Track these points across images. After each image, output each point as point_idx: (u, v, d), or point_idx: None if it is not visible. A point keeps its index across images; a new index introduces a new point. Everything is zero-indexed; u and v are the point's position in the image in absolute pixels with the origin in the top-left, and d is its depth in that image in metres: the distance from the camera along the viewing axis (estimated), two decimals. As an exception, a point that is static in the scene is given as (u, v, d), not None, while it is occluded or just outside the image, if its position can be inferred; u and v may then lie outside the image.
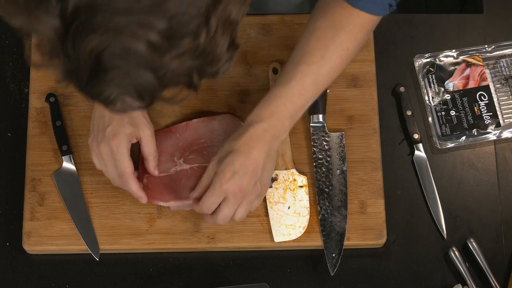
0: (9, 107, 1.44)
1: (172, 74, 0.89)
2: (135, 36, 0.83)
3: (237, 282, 1.36)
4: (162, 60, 0.86)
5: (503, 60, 1.46)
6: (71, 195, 1.37)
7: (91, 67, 0.86)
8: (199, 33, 0.87)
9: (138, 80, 0.87)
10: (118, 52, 0.84)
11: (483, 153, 1.43)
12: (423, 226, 1.40)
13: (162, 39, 0.84)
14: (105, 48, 0.84)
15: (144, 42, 0.84)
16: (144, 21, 0.83)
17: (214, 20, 0.87)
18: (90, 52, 0.84)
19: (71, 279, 1.36)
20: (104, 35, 0.83)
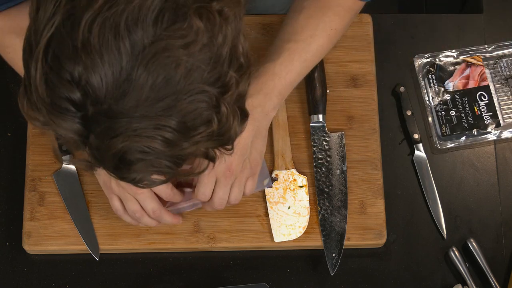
0: (9, 107, 1.44)
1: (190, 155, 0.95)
2: (152, 137, 0.89)
3: (237, 282, 1.36)
4: (180, 149, 0.92)
5: (503, 60, 1.46)
6: (71, 195, 1.37)
7: (115, 163, 0.92)
8: (212, 121, 0.92)
9: (159, 167, 0.93)
10: (139, 150, 0.90)
11: (483, 153, 1.43)
12: (423, 226, 1.40)
13: (177, 135, 0.90)
14: (127, 149, 0.90)
15: (161, 141, 0.90)
16: (158, 123, 0.89)
17: (224, 106, 0.92)
18: (114, 153, 0.91)
19: (71, 279, 1.36)
20: (125, 140, 0.89)
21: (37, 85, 0.89)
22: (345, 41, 1.45)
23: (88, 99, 0.87)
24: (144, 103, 0.88)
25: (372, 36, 1.46)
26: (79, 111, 0.89)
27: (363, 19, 1.46)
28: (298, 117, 1.42)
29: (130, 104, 0.88)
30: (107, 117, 0.88)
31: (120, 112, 0.88)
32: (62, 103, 0.88)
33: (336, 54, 1.44)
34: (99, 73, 0.86)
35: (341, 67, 1.44)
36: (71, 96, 0.87)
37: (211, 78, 0.90)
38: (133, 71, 0.86)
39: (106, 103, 0.87)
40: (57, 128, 0.91)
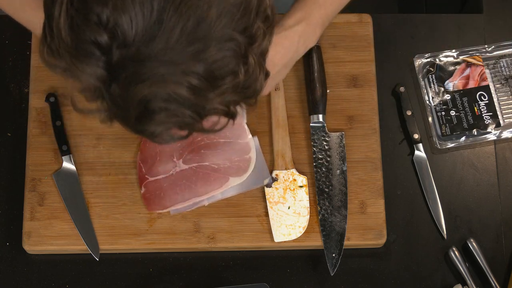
0: (9, 107, 1.44)
1: (213, 109, 0.93)
2: (179, 83, 0.87)
3: (237, 282, 1.36)
4: (205, 99, 0.90)
5: (503, 60, 1.46)
6: (71, 195, 1.37)
7: (139, 112, 0.90)
8: (239, 71, 0.90)
9: (182, 117, 0.91)
10: (164, 97, 0.88)
11: (483, 153, 1.43)
12: (423, 226, 1.40)
13: (203, 82, 0.88)
14: (153, 96, 0.88)
15: (187, 87, 0.88)
16: (186, 69, 0.87)
17: (252, 57, 0.91)
18: (140, 100, 0.88)
19: (71, 279, 1.36)
20: (152, 85, 0.87)
21: (61, 29, 0.86)
22: (345, 41, 1.45)
23: (115, 42, 0.85)
24: (174, 47, 0.86)
25: (372, 36, 1.46)
26: (104, 55, 0.86)
27: (363, 19, 1.46)
28: (298, 117, 1.42)
29: (159, 47, 0.85)
30: (134, 61, 0.86)
31: (149, 55, 0.86)
32: (87, 47, 0.86)
33: (336, 54, 1.44)
34: (129, 14, 0.84)
35: (341, 67, 1.44)
36: (97, 39, 0.85)
37: (240, 26, 0.88)
38: (164, 13, 0.84)
39: (134, 46, 0.85)
40: (80, 74, 0.88)
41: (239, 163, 1.37)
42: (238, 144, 1.38)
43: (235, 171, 1.37)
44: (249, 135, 1.39)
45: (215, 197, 1.37)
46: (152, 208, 1.36)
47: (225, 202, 1.38)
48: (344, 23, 1.46)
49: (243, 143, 1.38)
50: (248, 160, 1.38)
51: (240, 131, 1.39)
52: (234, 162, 1.37)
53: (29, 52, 1.44)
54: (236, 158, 1.37)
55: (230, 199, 1.37)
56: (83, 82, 0.89)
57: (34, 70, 1.43)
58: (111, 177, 1.39)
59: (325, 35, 1.44)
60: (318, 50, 1.42)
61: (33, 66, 1.43)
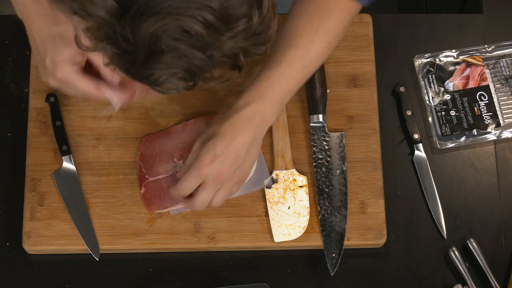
0: (9, 107, 1.44)
1: (222, 54, 0.90)
2: (193, 17, 0.85)
3: (237, 282, 1.36)
4: (218, 40, 0.88)
5: (503, 60, 1.46)
6: (71, 195, 1.37)
7: (149, 49, 0.87)
8: (253, 14, 0.89)
9: (190, 61, 0.88)
10: (176, 33, 0.85)
11: (483, 153, 1.44)
12: (423, 226, 1.40)
13: (218, 20, 0.86)
14: (165, 30, 0.85)
15: (202, 23, 0.85)
16: (201, 2, 0.84)
17: (266, 1, 0.90)
18: (151, 35, 0.85)
19: (71, 279, 1.36)
20: (164, 19, 0.84)
21: None
22: (345, 41, 1.45)
23: None
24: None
25: (372, 36, 1.46)
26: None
27: (363, 19, 1.46)
28: (298, 117, 1.42)
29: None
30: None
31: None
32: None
33: (336, 54, 1.44)
34: None
35: (341, 67, 1.44)
36: None
37: None
38: None
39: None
40: (89, 6, 0.85)
41: (239, 165, 1.37)
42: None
43: (236, 172, 1.37)
44: None
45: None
46: (152, 208, 1.36)
47: (225, 202, 1.37)
48: (344, 23, 1.46)
49: None
50: (248, 162, 1.38)
51: None
52: None
53: (29, 52, 1.44)
54: None
55: (230, 199, 1.37)
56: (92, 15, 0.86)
57: (34, 70, 1.43)
58: (111, 177, 1.39)
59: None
60: (318, 50, 1.42)
61: (33, 66, 1.43)
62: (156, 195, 1.36)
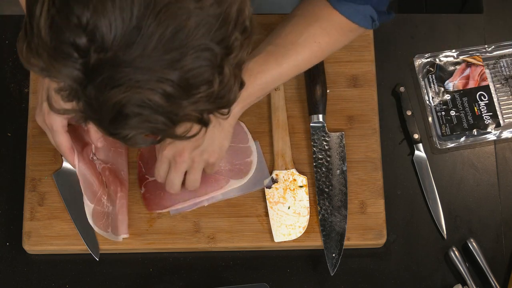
0: (9, 107, 1.44)
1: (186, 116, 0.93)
2: (154, 90, 0.88)
3: (237, 282, 1.36)
4: (179, 107, 0.91)
5: (503, 60, 1.46)
6: (71, 195, 1.37)
7: (113, 115, 0.90)
8: (214, 81, 0.91)
9: (155, 123, 0.92)
10: (138, 103, 0.89)
11: (483, 153, 1.43)
12: (423, 226, 1.40)
13: (178, 91, 0.89)
14: (127, 101, 0.89)
15: (161, 94, 0.88)
16: (162, 76, 0.88)
17: (227, 68, 0.92)
18: (114, 104, 0.89)
19: (71, 279, 1.36)
20: (127, 90, 0.88)
21: (41, 28, 0.87)
22: (345, 41, 1.45)
23: (93, 45, 0.86)
24: (151, 54, 0.86)
25: (372, 36, 1.46)
26: (81, 57, 0.87)
27: (363, 19, 1.46)
28: (298, 117, 1.42)
29: (136, 54, 0.86)
30: (111, 66, 0.87)
31: (125, 61, 0.86)
32: (66, 48, 0.86)
33: (336, 54, 1.44)
34: (108, 19, 0.85)
35: (341, 67, 1.44)
36: (76, 40, 0.86)
37: (218, 37, 0.89)
38: (144, 20, 0.85)
39: (112, 50, 0.86)
40: (57, 74, 0.89)
41: (240, 166, 1.37)
42: (239, 148, 1.38)
43: (236, 173, 1.37)
44: (250, 139, 1.39)
45: (215, 197, 1.37)
46: (152, 208, 1.36)
47: (225, 202, 1.38)
48: (344, 23, 1.46)
49: (245, 147, 1.39)
50: (249, 163, 1.38)
51: (242, 135, 1.39)
52: (235, 165, 1.37)
53: (29, 52, 1.44)
54: (237, 161, 1.38)
55: (230, 199, 1.37)
56: (59, 82, 0.90)
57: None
58: (111, 177, 1.39)
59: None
60: (318, 50, 1.42)
61: (33, 66, 1.43)
62: (156, 195, 1.36)
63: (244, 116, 1.40)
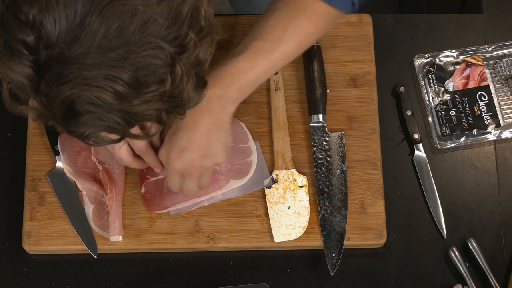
0: (9, 107, 1.44)
1: (141, 115, 0.93)
2: (102, 88, 0.88)
3: (237, 282, 1.36)
4: (130, 105, 0.91)
5: (503, 60, 1.46)
6: (66, 194, 1.37)
7: (63, 112, 0.91)
8: (165, 80, 0.91)
9: (108, 122, 0.92)
10: (88, 100, 0.89)
11: (483, 153, 1.43)
12: (423, 226, 1.40)
13: (128, 89, 0.89)
14: (76, 97, 0.89)
15: (111, 93, 0.89)
16: (110, 74, 0.88)
17: (179, 67, 0.91)
18: (62, 100, 0.90)
19: (71, 279, 1.36)
20: (74, 87, 0.88)
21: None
22: (345, 41, 1.45)
23: (41, 42, 0.87)
24: (96, 51, 0.87)
25: (372, 36, 1.46)
26: (31, 54, 0.88)
27: (363, 19, 1.46)
28: (298, 117, 1.42)
29: (81, 50, 0.87)
30: (58, 62, 0.87)
31: (71, 57, 0.87)
32: (16, 45, 0.87)
33: (336, 54, 1.44)
34: (53, 15, 0.85)
35: (341, 67, 1.44)
36: (25, 38, 0.87)
37: (169, 36, 0.89)
38: (87, 16, 0.86)
39: (58, 47, 0.86)
40: (9, 72, 0.89)
41: (240, 166, 1.37)
42: (239, 148, 1.38)
43: (236, 173, 1.37)
44: (250, 139, 1.39)
45: (215, 197, 1.37)
46: (152, 208, 1.36)
47: (225, 202, 1.38)
48: (344, 23, 1.46)
49: (245, 147, 1.39)
50: (249, 163, 1.38)
51: (242, 135, 1.39)
52: (235, 165, 1.37)
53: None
54: (237, 161, 1.38)
55: (230, 199, 1.37)
56: (12, 79, 0.91)
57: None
58: (111, 177, 1.39)
59: (325, 35, 1.44)
60: (318, 50, 1.42)
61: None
62: (156, 195, 1.36)
63: (244, 116, 1.40)
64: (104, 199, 1.35)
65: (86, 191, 1.36)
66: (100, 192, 1.36)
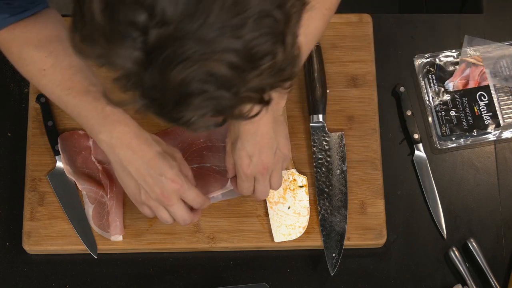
0: (9, 107, 1.44)
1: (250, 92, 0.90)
2: (219, 60, 0.84)
3: (237, 282, 1.36)
4: (244, 79, 0.87)
5: (503, 60, 1.46)
6: (66, 193, 1.37)
7: (178, 95, 0.87)
8: (277, 51, 0.88)
9: (218, 101, 0.88)
10: (204, 78, 0.85)
11: (483, 153, 1.43)
12: (423, 226, 1.40)
13: (243, 60, 0.86)
14: (193, 76, 0.85)
15: (227, 65, 0.85)
16: (226, 46, 0.84)
17: (289, 37, 0.89)
18: (180, 81, 0.85)
19: (71, 279, 1.36)
20: (193, 65, 0.84)
21: (94, 12, 0.83)
22: (345, 41, 1.45)
23: (153, 21, 0.82)
24: (214, 22, 0.83)
25: (372, 36, 1.46)
26: (141, 35, 0.83)
27: (363, 19, 1.46)
28: (298, 117, 1.42)
29: (199, 23, 0.82)
30: (173, 40, 0.83)
31: (187, 33, 0.83)
32: (123, 28, 0.83)
33: (336, 54, 1.44)
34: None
35: (341, 67, 1.44)
36: (135, 18, 0.82)
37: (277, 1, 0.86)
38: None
39: (173, 23, 0.82)
40: (115, 58, 0.85)
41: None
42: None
43: (236, 172, 1.37)
44: None
45: (216, 197, 1.37)
46: None
47: (225, 202, 1.38)
48: (344, 23, 1.46)
49: None
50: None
51: None
52: None
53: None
54: None
55: (230, 199, 1.37)
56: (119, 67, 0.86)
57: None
58: (111, 177, 1.39)
59: (325, 35, 1.44)
60: (318, 50, 1.42)
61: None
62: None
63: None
64: (104, 199, 1.35)
65: (86, 191, 1.36)
66: (100, 192, 1.36)
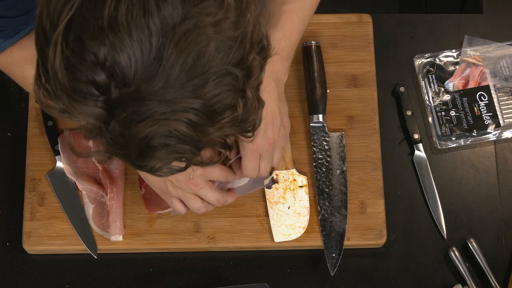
0: (9, 107, 1.44)
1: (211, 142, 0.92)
2: (180, 120, 0.86)
3: (237, 282, 1.36)
4: (204, 134, 0.89)
5: (503, 60, 1.46)
6: (66, 194, 1.37)
7: (141, 149, 0.89)
8: (238, 106, 0.90)
9: (181, 153, 0.90)
10: (166, 134, 0.87)
11: (483, 153, 1.43)
12: (423, 226, 1.40)
13: (202, 118, 0.87)
14: (155, 134, 0.87)
15: (187, 123, 0.87)
16: (186, 106, 0.86)
17: (249, 91, 0.90)
18: (141, 139, 0.87)
19: (71, 279, 1.36)
20: (153, 124, 0.86)
21: (57, 70, 0.85)
22: (345, 41, 1.45)
23: (113, 81, 0.84)
24: (174, 84, 0.84)
25: (372, 36, 1.46)
26: (102, 94, 0.85)
27: (363, 19, 1.46)
28: (298, 117, 1.42)
29: (160, 85, 0.84)
30: (135, 100, 0.85)
31: (149, 93, 0.84)
32: (85, 86, 0.84)
33: (336, 54, 1.44)
34: (127, 52, 0.83)
35: (341, 67, 1.44)
36: (95, 78, 0.84)
37: (236, 59, 0.87)
38: (164, 50, 0.83)
39: (134, 84, 0.84)
40: (78, 114, 0.87)
41: (240, 165, 1.37)
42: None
43: (236, 173, 1.37)
44: None
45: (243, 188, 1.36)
46: (152, 209, 1.36)
47: (225, 202, 1.38)
48: (344, 23, 1.46)
49: None
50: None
51: None
52: None
53: (29, 52, 1.44)
54: None
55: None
56: (81, 122, 0.89)
57: None
58: (111, 177, 1.39)
59: (325, 35, 1.44)
60: (318, 50, 1.42)
61: (33, 66, 1.43)
62: (156, 196, 1.36)
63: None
64: (104, 199, 1.35)
65: (86, 191, 1.36)
66: (100, 192, 1.36)
